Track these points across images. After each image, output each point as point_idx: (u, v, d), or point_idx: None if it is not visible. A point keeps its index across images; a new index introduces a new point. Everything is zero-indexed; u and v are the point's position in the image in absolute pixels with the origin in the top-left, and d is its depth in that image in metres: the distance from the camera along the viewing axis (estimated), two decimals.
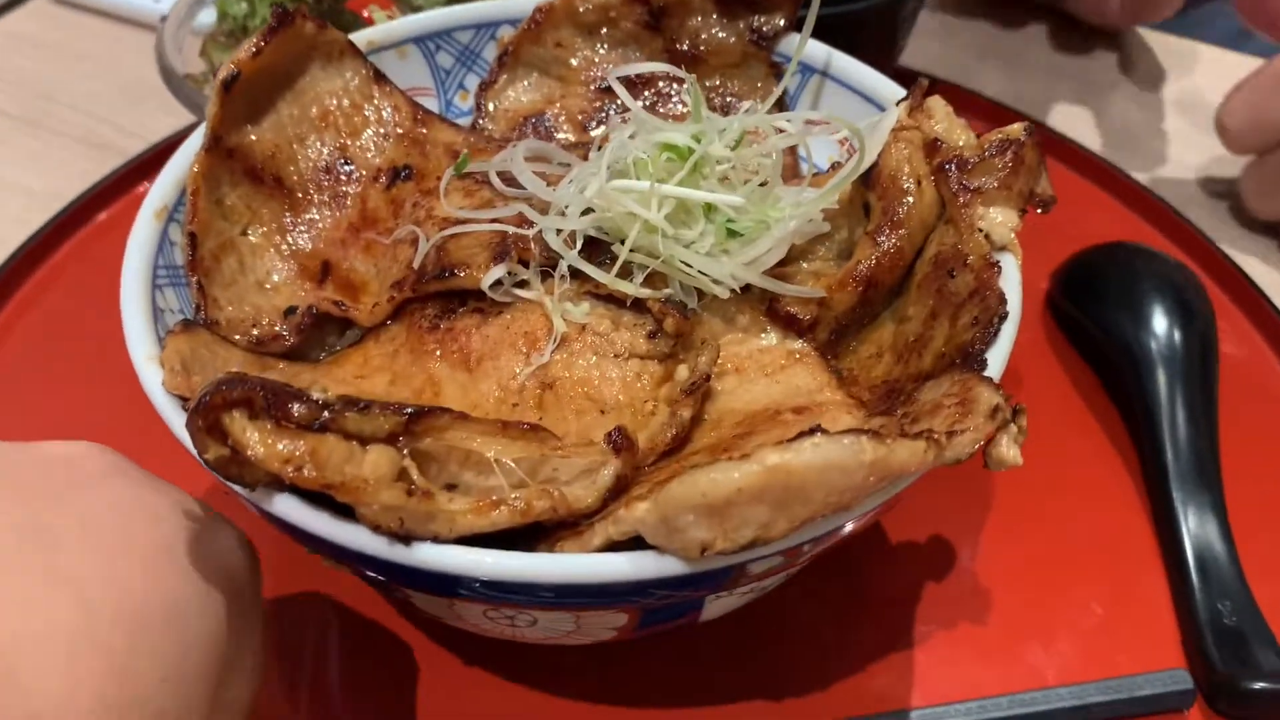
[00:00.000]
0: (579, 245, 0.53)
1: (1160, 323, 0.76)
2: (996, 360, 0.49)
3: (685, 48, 0.67)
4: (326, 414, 0.40)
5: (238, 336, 0.55)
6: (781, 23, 0.66)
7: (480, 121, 0.68)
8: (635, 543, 0.42)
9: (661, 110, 0.67)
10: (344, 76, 0.63)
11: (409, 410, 0.42)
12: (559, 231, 0.54)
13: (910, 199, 0.55)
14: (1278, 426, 0.76)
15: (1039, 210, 0.57)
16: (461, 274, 0.54)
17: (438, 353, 0.54)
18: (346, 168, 0.61)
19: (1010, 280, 0.52)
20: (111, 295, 0.52)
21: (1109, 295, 0.79)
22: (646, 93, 0.68)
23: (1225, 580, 0.65)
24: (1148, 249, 0.82)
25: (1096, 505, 0.71)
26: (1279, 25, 0.85)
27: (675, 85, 0.68)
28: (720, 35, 0.67)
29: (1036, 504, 0.70)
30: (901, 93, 0.63)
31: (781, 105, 0.67)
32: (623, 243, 0.53)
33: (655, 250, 0.53)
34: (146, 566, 0.42)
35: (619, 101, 0.68)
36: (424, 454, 0.43)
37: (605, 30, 0.68)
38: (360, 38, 0.66)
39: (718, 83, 0.68)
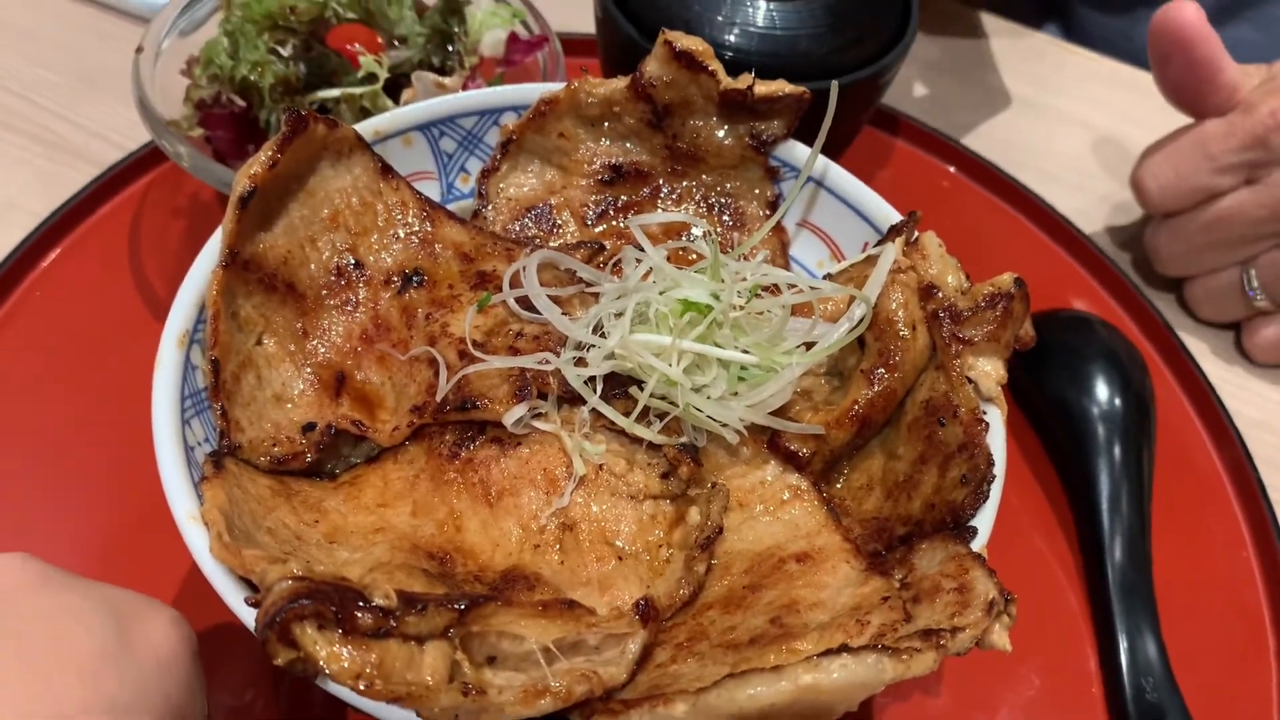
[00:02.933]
0: (599, 388, 0.56)
1: (1101, 394, 0.82)
2: (985, 525, 0.53)
3: (685, 146, 0.69)
4: (390, 622, 0.43)
5: (261, 459, 0.56)
6: (780, 130, 0.68)
7: (482, 209, 0.69)
8: None
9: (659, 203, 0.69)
10: (353, 173, 0.63)
11: (461, 605, 0.45)
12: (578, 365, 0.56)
13: (905, 343, 0.59)
14: (1201, 497, 0.83)
15: (1019, 349, 0.61)
16: (482, 407, 0.56)
17: (458, 483, 0.56)
18: (357, 270, 0.62)
19: (996, 438, 0.56)
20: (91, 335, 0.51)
21: (1053, 365, 0.85)
22: (645, 190, 0.70)
23: (1150, 658, 0.72)
24: (1091, 318, 0.88)
25: (1038, 578, 0.77)
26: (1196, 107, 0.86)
27: (671, 183, 0.70)
28: (719, 137, 0.68)
29: None
30: (892, 214, 0.66)
31: (774, 206, 0.70)
32: (639, 384, 0.56)
33: (671, 397, 0.56)
34: (83, 675, 0.45)
35: (621, 200, 0.69)
36: (470, 635, 0.46)
37: (608, 124, 0.69)
38: (367, 127, 0.66)
39: (715, 180, 0.70)
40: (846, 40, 0.81)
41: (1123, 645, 0.72)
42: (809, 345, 0.59)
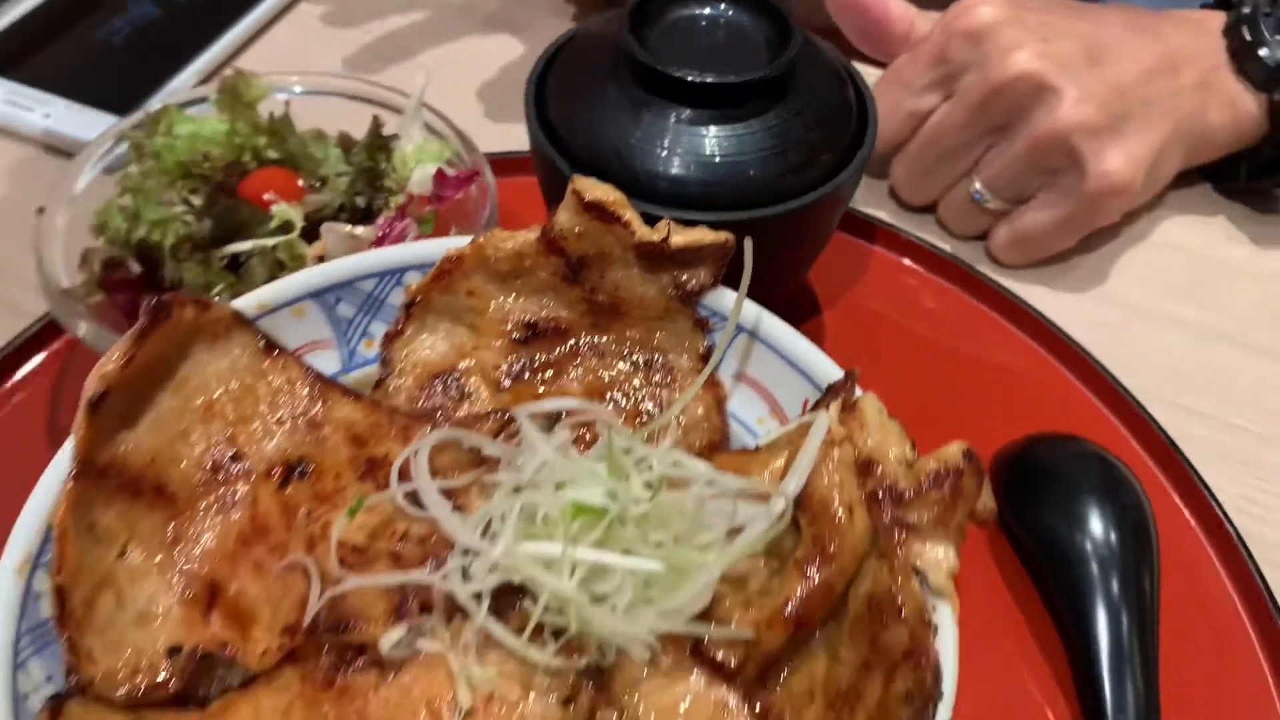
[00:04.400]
0: (487, 600, 0.49)
1: (1095, 530, 0.75)
2: None
3: (605, 299, 0.63)
4: None
5: (117, 692, 0.50)
6: (706, 278, 0.62)
7: (386, 377, 0.63)
8: None
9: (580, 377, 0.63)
10: (231, 355, 0.58)
11: None
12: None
13: (841, 529, 0.52)
14: (1219, 644, 0.74)
15: (978, 525, 0.54)
16: (356, 629, 0.50)
17: (332, 717, 0.50)
18: (236, 464, 0.57)
19: (947, 644, 0.49)
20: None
21: (1041, 502, 0.77)
22: (564, 347, 0.64)
23: None
24: (1080, 444, 0.80)
25: None
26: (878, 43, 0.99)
27: (593, 338, 0.64)
28: (641, 288, 0.62)
29: None
30: (831, 368, 0.60)
31: (706, 358, 0.63)
32: (534, 597, 0.50)
33: (570, 611, 0.49)
34: None
35: (538, 359, 0.63)
36: None
37: (520, 279, 0.63)
38: (250, 302, 0.60)
39: (641, 334, 0.64)
40: (796, 162, 0.75)
41: None
42: (734, 530, 0.52)
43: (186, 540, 0.55)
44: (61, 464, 0.53)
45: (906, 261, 0.97)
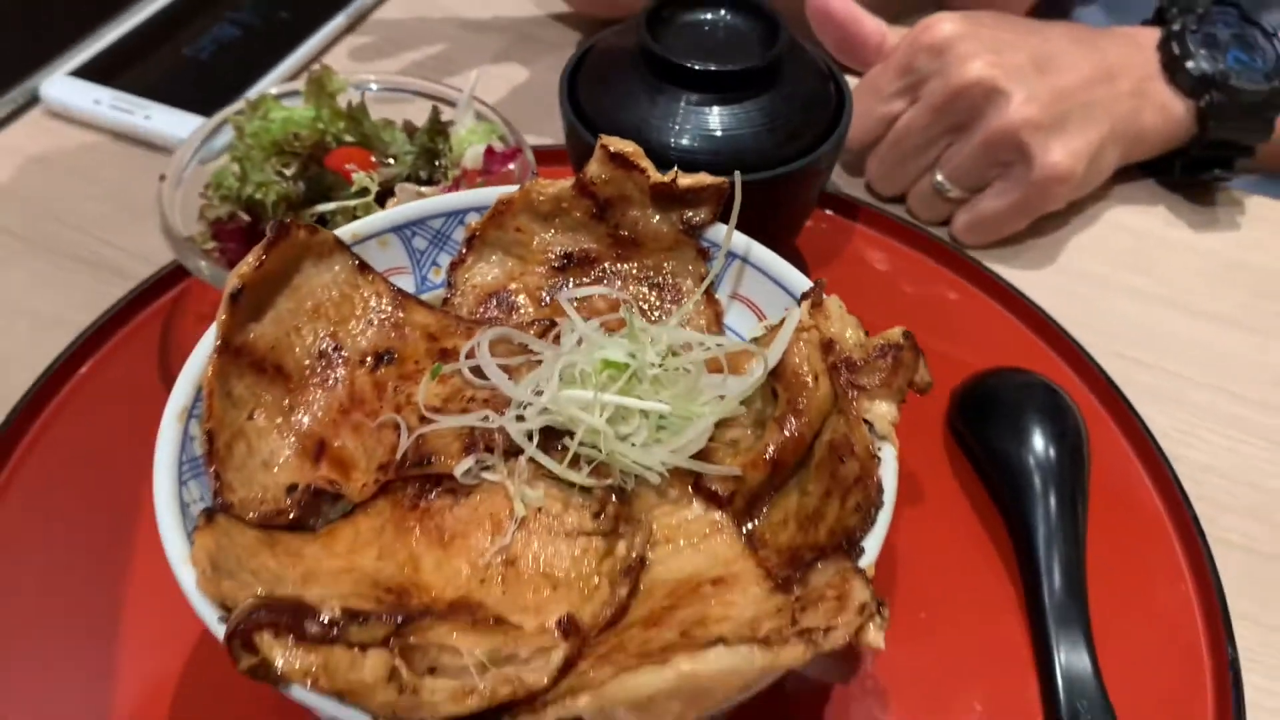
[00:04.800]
0: (536, 440, 0.64)
1: (1037, 445, 0.89)
2: (873, 545, 0.60)
3: (627, 234, 0.78)
4: (335, 630, 0.51)
5: (250, 514, 0.65)
6: (707, 216, 0.77)
7: (451, 296, 0.78)
8: None
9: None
10: (333, 271, 0.74)
11: (398, 619, 0.53)
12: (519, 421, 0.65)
13: (809, 392, 0.66)
14: (1142, 537, 0.88)
15: (919, 394, 0.69)
16: (437, 462, 0.65)
17: (417, 530, 0.65)
18: (337, 352, 0.72)
19: (888, 469, 0.64)
20: (125, 428, 0.66)
21: (993, 422, 0.92)
22: (593, 273, 0.79)
23: (1085, 681, 0.77)
24: (1028, 375, 0.95)
25: (985, 613, 0.83)
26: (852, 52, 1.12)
27: (616, 266, 0.79)
28: (655, 224, 0.78)
29: (930, 610, 0.82)
30: (806, 282, 0.75)
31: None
32: (573, 435, 0.65)
33: (600, 444, 0.64)
34: None
35: (572, 282, 0.79)
36: (411, 647, 0.54)
37: (558, 218, 0.79)
38: (346, 232, 0.76)
39: (655, 262, 0.79)
40: (783, 137, 0.91)
41: (1059, 670, 0.77)
42: (724, 397, 0.67)
43: (299, 409, 0.70)
44: (207, 343, 0.68)
45: (881, 235, 1.13)
